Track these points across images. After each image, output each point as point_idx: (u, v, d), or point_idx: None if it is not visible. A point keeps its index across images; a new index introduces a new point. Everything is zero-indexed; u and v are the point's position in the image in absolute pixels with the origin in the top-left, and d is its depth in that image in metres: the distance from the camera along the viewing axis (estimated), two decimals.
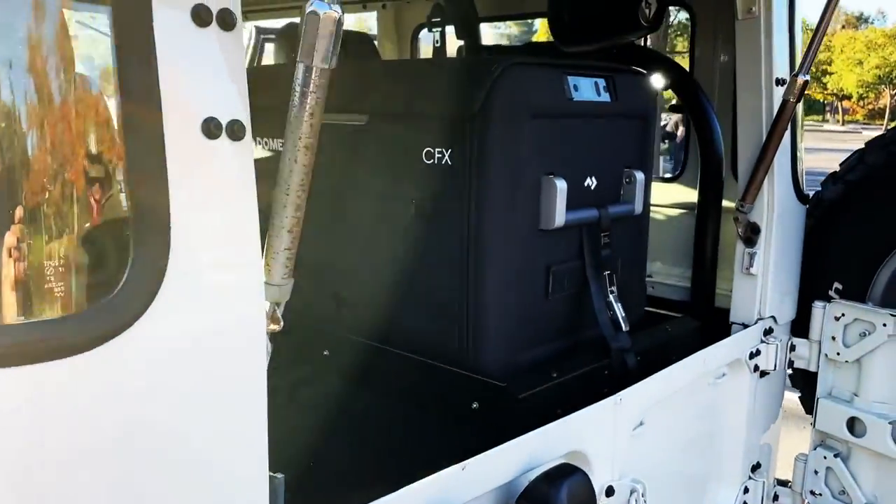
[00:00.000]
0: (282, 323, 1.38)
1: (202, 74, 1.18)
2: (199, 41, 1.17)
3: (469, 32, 3.92)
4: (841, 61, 55.54)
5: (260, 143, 2.77)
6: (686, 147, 3.57)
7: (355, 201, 2.50)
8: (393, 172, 2.39)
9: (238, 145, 1.22)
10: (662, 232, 3.54)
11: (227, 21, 1.19)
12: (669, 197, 3.56)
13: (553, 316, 2.40)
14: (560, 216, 2.28)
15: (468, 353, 2.26)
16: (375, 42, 4.58)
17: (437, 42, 4.17)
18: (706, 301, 3.22)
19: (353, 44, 3.87)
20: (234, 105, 1.21)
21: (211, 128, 1.18)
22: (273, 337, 1.37)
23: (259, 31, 5.82)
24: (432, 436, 2.26)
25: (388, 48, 4.52)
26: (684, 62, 3.60)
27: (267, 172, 1.34)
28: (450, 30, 4.00)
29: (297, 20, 4.81)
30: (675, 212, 3.57)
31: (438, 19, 4.06)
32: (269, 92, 2.67)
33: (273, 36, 5.06)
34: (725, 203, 3.15)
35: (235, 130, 1.21)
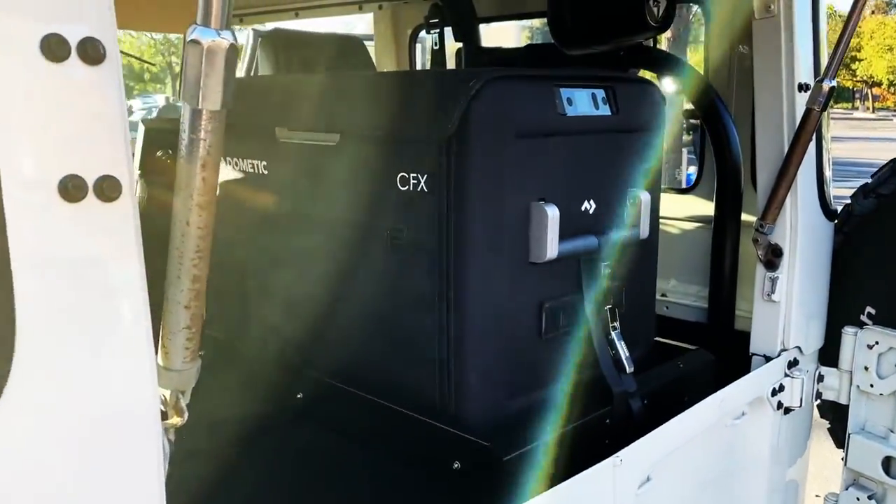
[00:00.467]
0: (186, 414, 1.13)
1: (57, 122, 0.94)
2: (53, 80, 0.93)
3: (468, 34, 3.67)
4: (871, 47, 54.31)
5: (230, 164, 2.54)
6: (701, 156, 3.29)
7: (325, 229, 2.26)
8: (365, 198, 2.14)
9: (112, 207, 0.98)
10: (677, 248, 3.27)
11: (91, 53, 0.94)
12: (684, 210, 3.29)
13: (547, 358, 2.14)
14: (552, 247, 2.01)
15: (450, 403, 2.01)
16: (372, 44, 4.34)
17: (435, 44, 3.94)
18: (724, 325, 2.94)
19: (341, 48, 3.65)
20: (105, 158, 0.97)
21: (69, 189, 0.93)
22: (177, 431, 1.13)
23: (258, 35, 5.56)
24: (410, 498, 2.02)
25: (385, 51, 4.27)
26: None
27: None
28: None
29: (288, 24, 4.61)
30: (691, 226, 3.29)
31: (437, 20, 3.83)
32: (232, 109, 2.45)
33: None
34: (745, 217, 2.88)
35: (106, 190, 0.96)
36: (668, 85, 3.10)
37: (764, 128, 2.51)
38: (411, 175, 1.98)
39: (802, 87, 2.45)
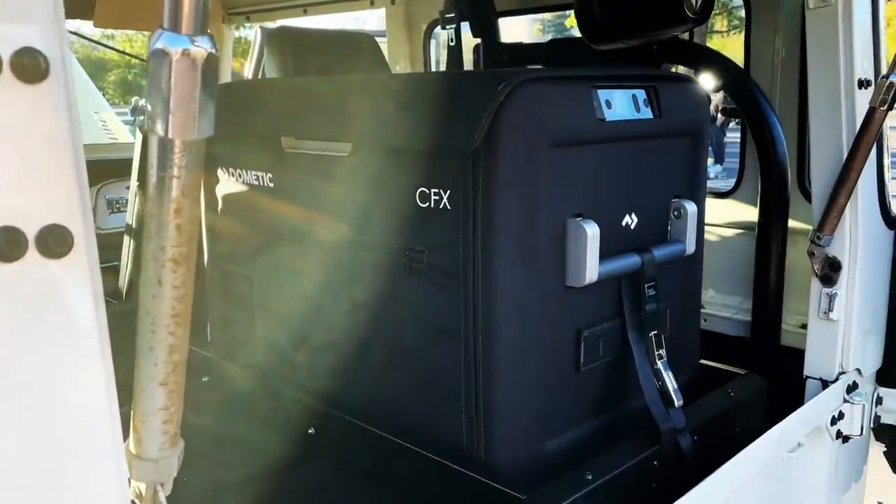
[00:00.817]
0: None
1: None
2: None
3: (486, 29, 3.43)
4: (888, 35, 53.62)
5: (233, 176, 2.33)
6: (742, 158, 3.05)
7: (336, 250, 2.04)
8: (380, 216, 1.92)
9: (61, 265, 0.76)
10: (716, 255, 3.03)
11: (29, 68, 0.73)
12: (724, 216, 3.05)
13: (586, 392, 1.92)
14: (592, 269, 1.79)
15: (477, 445, 1.79)
16: (384, 40, 4.11)
17: (451, 40, 3.71)
18: (769, 341, 2.70)
19: (351, 46, 3.43)
20: (51, 203, 0.76)
21: (2, 245, 0.72)
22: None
23: (266, 34, 5.33)
24: None
25: (399, 48, 4.05)
26: None
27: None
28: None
29: (296, 22, 4.39)
30: (731, 232, 3.05)
31: (453, 15, 3.60)
32: (235, 116, 2.23)
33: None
34: (791, 223, 2.64)
35: (52, 244, 0.75)
36: (706, 82, 2.87)
37: (820, 130, 2.26)
38: (432, 190, 1.77)
39: (863, 84, 2.21)
